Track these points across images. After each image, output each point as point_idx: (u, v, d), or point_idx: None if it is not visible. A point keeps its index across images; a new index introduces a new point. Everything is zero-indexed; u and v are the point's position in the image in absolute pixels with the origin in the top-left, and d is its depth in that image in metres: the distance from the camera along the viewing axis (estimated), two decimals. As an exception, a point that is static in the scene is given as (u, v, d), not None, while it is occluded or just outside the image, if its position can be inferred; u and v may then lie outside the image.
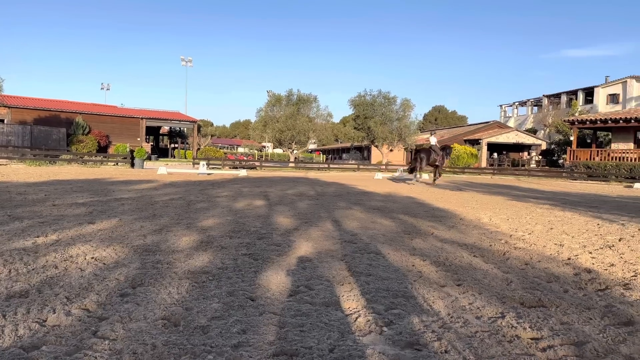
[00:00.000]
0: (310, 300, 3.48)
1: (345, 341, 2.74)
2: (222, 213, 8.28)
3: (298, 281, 4.00)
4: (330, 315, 3.18)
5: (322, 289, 3.77)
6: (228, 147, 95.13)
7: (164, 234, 5.98)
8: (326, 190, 15.26)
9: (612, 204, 13.14)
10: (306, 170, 37.03)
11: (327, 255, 5.06)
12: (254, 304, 3.36)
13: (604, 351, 2.69)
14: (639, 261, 5.22)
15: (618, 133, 33.14)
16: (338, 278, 4.14)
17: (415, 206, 10.69)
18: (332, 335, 2.83)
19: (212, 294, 3.57)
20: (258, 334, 2.81)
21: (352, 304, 3.45)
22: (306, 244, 5.64)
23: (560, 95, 61.26)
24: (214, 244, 5.43)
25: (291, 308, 3.29)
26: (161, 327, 2.88)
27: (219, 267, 4.37)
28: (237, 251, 5.10)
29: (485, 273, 4.51)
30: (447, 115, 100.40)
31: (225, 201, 10.46)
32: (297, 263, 4.66)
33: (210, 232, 6.22)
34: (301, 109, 43.93)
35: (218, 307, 3.26)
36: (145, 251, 4.94)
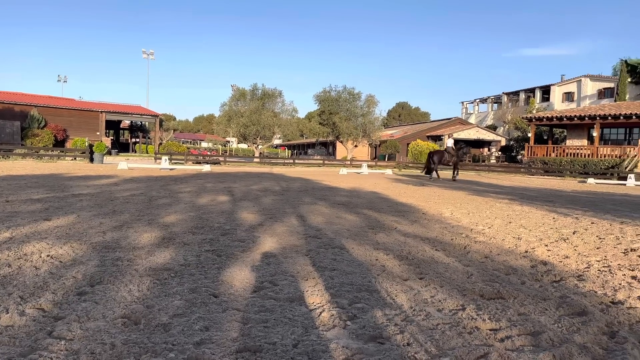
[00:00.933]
0: (275, 296, 3.47)
1: (309, 336, 2.75)
2: (184, 209, 8.14)
3: (262, 277, 3.97)
4: (294, 310, 3.18)
5: (286, 285, 3.76)
6: (191, 142, 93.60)
7: (125, 231, 5.83)
8: (291, 185, 15.23)
9: (567, 198, 13.64)
10: (271, 166, 36.85)
11: (292, 251, 5.05)
12: (217, 301, 3.32)
13: (559, 340, 2.79)
14: (591, 253, 5.44)
15: (573, 130, 34.40)
16: (302, 273, 4.14)
17: (379, 201, 10.80)
18: (296, 330, 2.82)
19: (174, 291, 3.51)
20: (221, 331, 2.78)
21: (316, 298, 3.46)
22: (271, 240, 5.62)
23: (519, 93, 63.05)
24: (176, 240, 5.33)
25: (255, 304, 3.27)
26: (121, 325, 2.81)
27: (182, 264, 4.30)
28: (200, 247, 5.03)
29: (446, 266, 4.60)
30: (411, 111, 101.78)
31: (188, 197, 10.30)
32: (262, 259, 4.64)
33: (172, 229, 6.11)
34: (266, 103, 43.64)
35: (180, 304, 3.21)
36: (105, 248, 4.81)
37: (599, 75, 53.17)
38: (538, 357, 2.53)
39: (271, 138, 46.30)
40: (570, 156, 31.91)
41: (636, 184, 23.41)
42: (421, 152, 43.91)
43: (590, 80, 52.95)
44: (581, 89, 53.47)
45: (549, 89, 58.05)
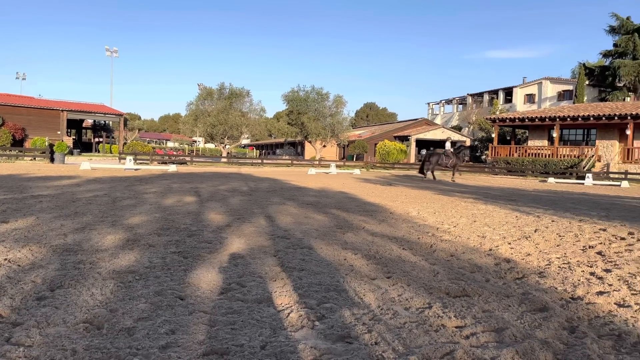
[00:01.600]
0: (242, 298, 3.43)
1: (278, 337, 2.73)
2: (150, 210, 7.98)
3: (230, 278, 3.93)
4: (262, 311, 3.16)
5: (254, 286, 3.74)
6: (157, 142, 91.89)
7: (87, 233, 5.67)
8: (259, 185, 15.14)
9: (529, 197, 14.03)
10: (239, 166, 36.55)
11: (260, 252, 5.02)
12: (183, 303, 3.26)
13: (522, 336, 2.86)
14: (552, 251, 5.61)
15: (534, 131, 35.41)
16: (271, 274, 4.12)
17: (347, 201, 10.86)
18: (264, 332, 2.80)
19: (138, 294, 3.43)
20: (187, 334, 2.73)
21: (285, 299, 3.44)
22: (238, 241, 5.57)
23: (483, 94, 64.51)
24: (141, 242, 5.22)
25: (222, 306, 3.23)
26: (82, 331, 2.73)
27: (147, 266, 4.21)
28: (166, 249, 4.94)
29: (413, 265, 4.66)
30: (378, 112, 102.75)
31: (154, 197, 10.10)
32: (229, 260, 4.59)
33: (137, 230, 5.98)
34: (234, 103, 43.23)
35: (145, 307, 3.14)
36: (66, 251, 4.66)
37: (559, 78, 54.93)
38: (501, 353, 2.58)
39: (239, 138, 45.89)
40: (531, 156, 32.84)
41: (593, 183, 24.29)
42: (388, 152, 44.36)
43: (551, 83, 54.64)
44: (542, 91, 55.12)
45: (511, 90, 59.59)
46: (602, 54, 42.51)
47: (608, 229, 7.38)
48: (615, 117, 28.33)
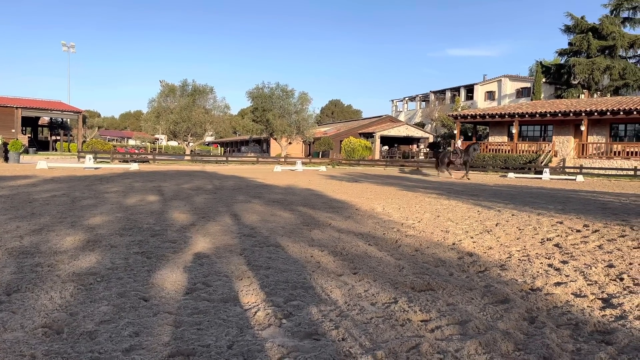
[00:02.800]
0: (208, 297, 3.39)
1: (245, 336, 2.71)
2: (111, 210, 7.78)
3: (195, 278, 3.88)
4: (228, 311, 3.13)
5: (220, 285, 3.70)
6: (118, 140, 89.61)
7: (45, 234, 5.48)
8: (225, 183, 14.98)
9: (490, 192, 14.40)
10: (203, 164, 36.05)
11: (226, 250, 4.97)
12: (147, 305, 3.20)
13: (484, 328, 2.94)
14: (512, 244, 5.78)
15: (494, 127, 36.34)
16: (237, 273, 4.09)
17: (314, 198, 10.87)
18: (230, 331, 2.78)
19: (100, 296, 3.34)
20: (152, 336, 2.68)
21: (252, 298, 3.42)
22: (203, 240, 5.50)
23: (445, 91, 65.72)
24: (102, 243, 5.08)
25: (188, 306, 3.19)
26: (41, 335, 2.64)
27: (109, 268, 4.11)
28: (129, 250, 4.83)
29: (379, 261, 4.71)
30: (343, 109, 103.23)
31: (115, 197, 9.85)
32: (194, 259, 4.52)
33: (98, 231, 5.82)
34: (197, 100, 42.58)
35: (107, 310, 3.06)
36: (22, 254, 4.49)
37: (517, 76, 56.53)
38: (465, 345, 2.64)
39: (203, 135, 45.25)
40: (492, 152, 33.70)
41: (551, 177, 25.12)
42: (354, 149, 44.65)
43: (510, 80, 56.17)
44: (501, 89, 56.60)
45: (472, 88, 60.94)
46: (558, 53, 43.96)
47: (565, 221, 7.65)
48: (570, 113, 29.37)
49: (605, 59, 38.36)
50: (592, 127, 30.16)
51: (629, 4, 39.23)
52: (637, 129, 29.50)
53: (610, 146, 29.02)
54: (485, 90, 58.89)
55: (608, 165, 27.73)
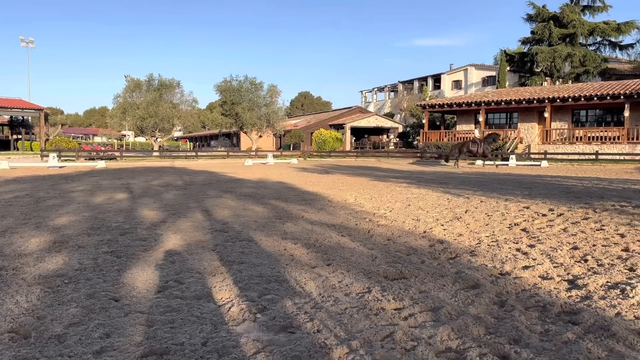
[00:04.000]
0: (181, 295, 3.35)
1: (219, 333, 2.69)
2: (78, 209, 7.59)
3: (167, 276, 3.82)
4: (202, 308, 3.10)
5: (192, 282, 3.65)
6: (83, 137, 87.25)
7: (8, 237, 5.31)
8: (195, 179, 14.79)
9: (459, 180, 14.64)
10: (172, 159, 35.49)
11: (198, 247, 4.92)
12: (118, 305, 3.14)
13: (456, 313, 3.00)
14: (481, 230, 5.90)
15: (462, 116, 36.91)
16: (209, 269, 4.05)
17: (286, 191, 10.85)
18: (204, 328, 2.75)
19: (68, 298, 3.26)
20: (124, 336, 2.63)
21: (225, 294, 3.40)
22: (175, 237, 5.42)
23: (413, 81, 66.30)
24: (69, 244, 4.96)
25: (160, 305, 3.14)
26: (8, 341, 2.56)
27: (77, 269, 4.01)
28: (97, 249, 4.72)
29: (352, 251, 4.74)
30: (313, 100, 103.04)
31: (82, 196, 9.61)
32: (166, 257, 4.46)
33: (64, 231, 5.66)
34: (164, 94, 41.74)
35: (76, 312, 2.99)
36: (-16, 258, 4.34)
37: (483, 65, 57.45)
38: (438, 331, 2.69)
39: (171, 130, 44.46)
40: (460, 140, 34.25)
41: (517, 163, 25.72)
42: (324, 140, 44.66)
43: (475, 69, 57.06)
44: (468, 78, 57.46)
45: (439, 77, 61.66)
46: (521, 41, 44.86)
47: (531, 206, 7.85)
48: (534, 101, 30.06)
49: (566, 47, 39.37)
50: (555, 114, 30.95)
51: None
52: (597, 115, 30.43)
53: (572, 132, 29.85)
54: (452, 79, 59.68)
55: (571, 150, 28.54)
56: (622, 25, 38.55)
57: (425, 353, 2.42)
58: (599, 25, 39.18)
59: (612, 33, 39.21)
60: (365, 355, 2.39)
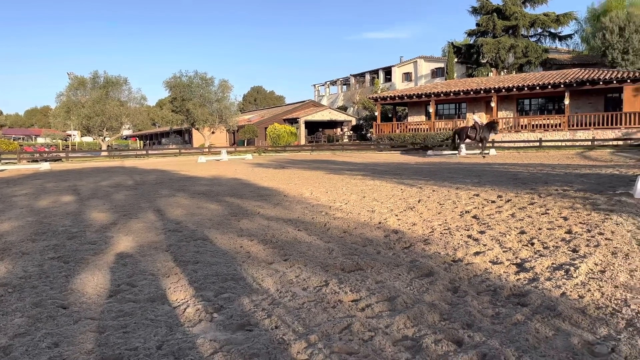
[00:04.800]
0: (134, 298, 3.26)
1: (175, 335, 2.64)
2: (21, 214, 7.23)
3: (119, 279, 3.71)
4: (156, 310, 3.02)
5: (146, 284, 3.56)
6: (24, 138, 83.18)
7: (-56, 247, 4.99)
8: (146, 178, 14.40)
9: (412, 170, 14.94)
10: (122, 159, 34.41)
11: (151, 248, 4.79)
12: (66, 312, 3.02)
13: (412, 302, 3.06)
14: (434, 218, 6.04)
15: (413, 107, 37.63)
16: (163, 270, 3.95)
17: (241, 187, 10.73)
18: (159, 331, 2.69)
19: (13, 308, 3.10)
20: (73, 345, 2.53)
21: (180, 295, 3.33)
22: (126, 239, 5.26)
23: (365, 74, 66.95)
24: (12, 251, 4.72)
25: (112, 309, 3.04)
26: (-54, 358, 2.41)
27: (21, 277, 3.82)
28: (43, 255, 4.52)
29: (309, 245, 4.75)
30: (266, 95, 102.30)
31: (25, 200, 9.16)
32: (117, 260, 4.32)
33: (6, 238, 5.39)
34: (110, 92, 40.34)
35: (22, 322, 2.86)
36: None
37: (431, 57, 58.68)
38: (394, 320, 2.74)
39: (119, 129, 43.07)
40: (412, 131, 34.90)
41: (467, 153, 26.49)
42: (279, 135, 44.45)
43: (425, 61, 58.21)
44: (417, 70, 58.56)
45: (390, 70, 62.53)
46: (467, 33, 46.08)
47: (480, 194, 8.11)
48: (481, 91, 31.01)
49: (510, 38, 40.75)
50: (501, 103, 32.04)
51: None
52: (540, 103, 31.74)
53: (517, 120, 31.00)
54: (402, 71, 60.66)
55: (516, 138, 29.65)
56: (560, 16, 40.26)
57: (382, 342, 2.46)
58: (540, 17, 40.76)
59: (552, 24, 40.89)
60: (324, 349, 2.40)
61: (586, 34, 40.09)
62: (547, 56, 41.33)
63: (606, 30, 31.77)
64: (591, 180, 9.63)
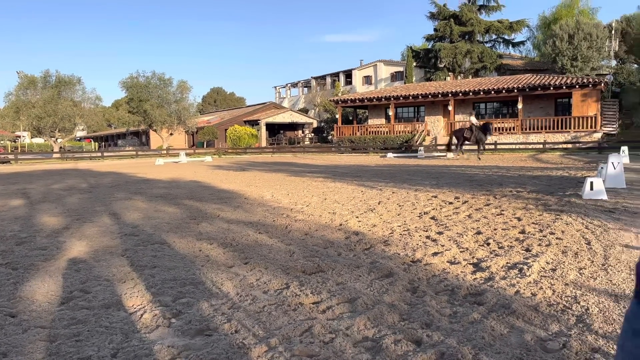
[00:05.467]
0: (87, 305, 3.15)
1: (130, 342, 2.56)
2: (-35, 219, 6.87)
3: (71, 286, 3.57)
4: (111, 317, 2.93)
5: (100, 290, 3.44)
6: (-31, 139, 79.05)
7: None
8: (101, 181, 13.96)
9: (372, 172, 15.10)
10: (75, 161, 33.27)
11: (106, 253, 4.64)
12: (15, 321, 2.88)
13: (372, 303, 3.08)
14: (394, 220, 6.12)
15: (373, 110, 38.08)
16: (119, 275, 3.84)
17: (200, 190, 10.57)
18: (114, 338, 2.60)
19: (-45, 319, 2.94)
20: (23, 354, 2.42)
21: (137, 300, 3.24)
22: (79, 244, 5.08)
23: (326, 77, 67.28)
24: (-45, 258, 4.47)
25: (64, 317, 2.93)
26: None
27: (-35, 285, 3.62)
28: (-11, 262, 4.30)
29: (270, 248, 4.72)
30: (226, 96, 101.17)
31: (-30, 204, 8.70)
32: (69, 266, 4.16)
33: (-51, 244, 5.10)
34: (63, 92, 38.94)
35: (-35, 333, 2.71)
36: None
37: (391, 60, 59.60)
38: (355, 321, 2.75)
39: (73, 130, 41.65)
40: (372, 134, 35.33)
41: (425, 155, 27.01)
42: (239, 137, 44.04)
43: (384, 65, 59.05)
44: (377, 73, 59.33)
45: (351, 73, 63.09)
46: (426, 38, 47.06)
47: (439, 195, 8.28)
48: (439, 95, 31.72)
49: (466, 44, 41.88)
50: (458, 107, 32.86)
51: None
52: (495, 107, 32.74)
53: (474, 124, 31.94)
54: (362, 75, 61.30)
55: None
56: (513, 23, 41.70)
57: (343, 344, 2.47)
58: (494, 23, 42.09)
59: (506, 31, 42.29)
60: (284, 352, 2.39)
61: (538, 41, 41.72)
62: (502, 62, 42.70)
63: (556, 38, 33.09)
64: (543, 182, 10.01)
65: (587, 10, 38.61)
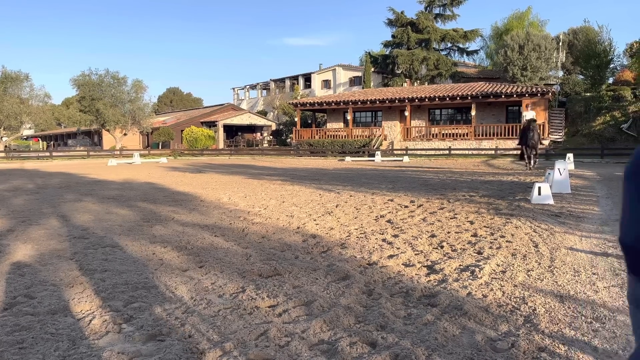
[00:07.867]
0: (32, 311, 3.01)
1: (78, 349, 2.46)
2: None
3: (15, 291, 3.41)
4: (57, 323, 2.81)
5: (46, 296, 3.30)
6: None
7: None
8: (49, 182, 13.40)
9: (330, 175, 15.18)
10: (22, 161, 31.83)
11: (53, 256, 4.46)
12: (-49, 330, 2.72)
13: (328, 305, 3.09)
14: (351, 223, 6.17)
15: (331, 114, 38.34)
16: (67, 280, 3.69)
17: (155, 192, 10.31)
18: (60, 345, 2.50)
19: None
20: (-41, 366, 2.29)
21: (85, 306, 3.12)
22: (25, 247, 4.86)
23: (285, 80, 67.22)
24: None
25: (6, 324, 2.79)
26: None
27: None
28: None
29: (226, 251, 4.65)
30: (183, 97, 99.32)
31: None
32: (13, 270, 3.97)
33: None
34: (9, 88, 37.22)
35: None
36: None
37: (350, 65, 60.20)
38: (311, 324, 2.75)
39: (19, 128, 39.86)
40: (330, 138, 35.56)
41: (382, 159, 27.41)
42: (196, 138, 43.30)
43: (343, 70, 59.58)
44: (336, 77, 59.79)
45: (310, 76, 63.29)
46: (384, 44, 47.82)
47: (395, 199, 8.41)
48: (396, 100, 32.29)
49: (423, 51, 42.83)
50: (414, 113, 33.54)
51: (439, 2, 44.26)
52: (450, 114, 33.63)
53: (429, 129, 32.62)
54: (321, 78, 61.61)
55: (428, 146, 31.17)
56: (468, 33, 42.99)
57: (298, 347, 2.46)
58: (449, 32, 43.25)
59: (460, 40, 43.53)
60: (239, 356, 2.36)
61: (490, 50, 43.21)
62: (457, 69, 43.92)
63: (507, 48, 34.32)
64: (494, 187, 10.34)
65: (537, 23, 40.31)
